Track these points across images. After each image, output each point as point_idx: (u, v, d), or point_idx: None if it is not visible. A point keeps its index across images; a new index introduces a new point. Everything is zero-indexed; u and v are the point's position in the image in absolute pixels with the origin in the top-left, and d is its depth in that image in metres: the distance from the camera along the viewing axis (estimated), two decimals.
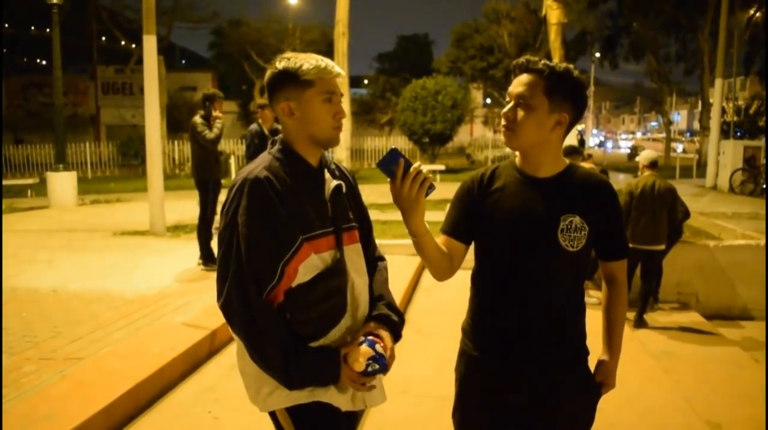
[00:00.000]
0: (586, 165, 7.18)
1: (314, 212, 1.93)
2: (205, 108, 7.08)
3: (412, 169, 1.85)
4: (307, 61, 1.92)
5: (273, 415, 2.01)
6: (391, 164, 1.85)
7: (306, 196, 1.93)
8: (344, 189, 2.05)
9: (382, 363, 1.92)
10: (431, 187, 1.88)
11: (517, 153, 2.11)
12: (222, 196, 7.45)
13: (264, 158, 1.96)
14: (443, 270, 2.08)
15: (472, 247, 2.17)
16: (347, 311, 1.99)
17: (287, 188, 1.88)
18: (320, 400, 1.93)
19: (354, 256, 2.05)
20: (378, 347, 1.94)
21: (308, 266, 1.90)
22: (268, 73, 1.97)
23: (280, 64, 1.94)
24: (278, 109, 1.97)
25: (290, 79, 1.92)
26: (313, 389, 1.91)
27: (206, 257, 7.22)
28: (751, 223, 10.52)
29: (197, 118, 7.07)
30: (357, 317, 2.04)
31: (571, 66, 2.03)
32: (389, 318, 2.09)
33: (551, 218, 1.99)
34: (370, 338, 1.97)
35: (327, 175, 2.04)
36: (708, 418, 4.33)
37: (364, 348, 1.93)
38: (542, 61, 1.99)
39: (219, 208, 2.08)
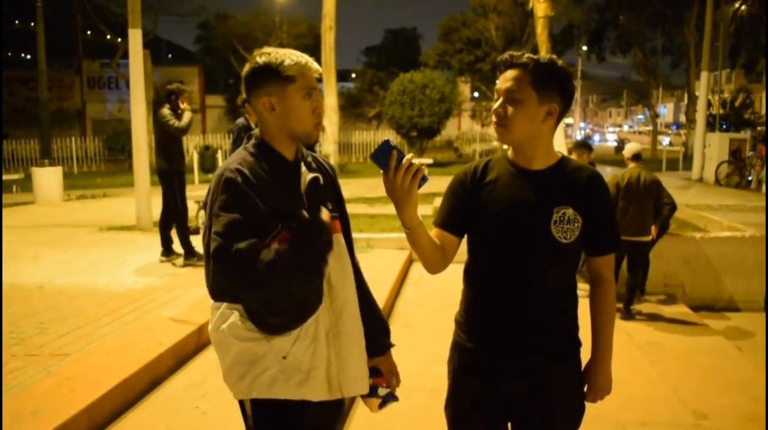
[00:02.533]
0: (576, 157, 7.21)
1: (290, 206, 1.94)
2: (171, 102, 7.13)
3: (404, 160, 1.85)
4: (288, 56, 1.94)
5: (241, 402, 2.06)
6: (384, 156, 1.85)
7: (281, 190, 1.95)
8: (321, 181, 2.05)
9: (390, 397, 2.23)
10: (424, 179, 1.88)
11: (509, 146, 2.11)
12: (200, 191, 7.51)
13: (239, 154, 1.99)
14: (436, 263, 2.09)
15: (464, 240, 2.17)
16: (322, 301, 2.01)
17: (262, 183, 1.90)
18: (284, 397, 1.97)
19: (335, 247, 2.05)
20: (380, 391, 2.20)
21: None
22: (248, 68, 1.98)
23: (260, 59, 1.95)
24: (258, 104, 1.97)
25: (271, 74, 1.93)
26: (272, 383, 1.95)
27: (187, 252, 7.35)
28: (736, 215, 10.59)
29: (165, 110, 7.12)
30: (335, 307, 2.05)
31: (555, 56, 2.04)
32: (382, 342, 2.25)
33: (544, 209, 2.01)
34: (372, 386, 2.19)
35: (303, 168, 2.05)
36: (694, 408, 4.37)
37: (372, 401, 2.24)
38: (526, 55, 2.00)
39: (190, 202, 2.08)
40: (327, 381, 2.01)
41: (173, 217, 7.33)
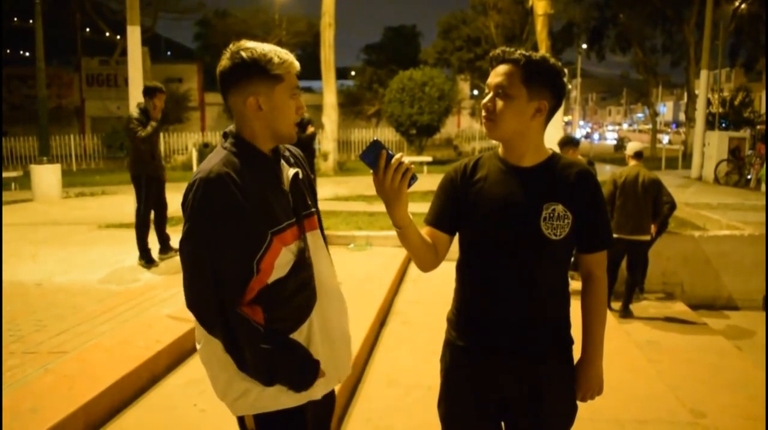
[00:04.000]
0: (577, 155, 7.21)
1: (277, 205, 1.89)
2: (146, 102, 6.86)
3: (393, 160, 1.84)
4: (275, 54, 1.85)
5: (240, 418, 2.01)
6: (373, 156, 1.85)
7: (267, 190, 1.88)
8: (300, 175, 2.00)
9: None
10: (414, 178, 1.88)
11: (500, 143, 2.11)
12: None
13: (219, 154, 1.88)
14: (428, 261, 2.09)
15: (456, 238, 2.17)
16: (316, 300, 2.00)
17: (248, 183, 1.82)
18: (291, 406, 1.94)
19: (315, 242, 2.04)
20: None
21: (282, 261, 1.89)
22: (228, 63, 1.86)
23: (244, 54, 1.83)
24: (243, 103, 1.87)
25: (259, 72, 1.83)
26: (278, 395, 1.92)
27: (159, 251, 7.39)
28: (735, 214, 10.60)
29: (134, 112, 6.86)
30: (321, 303, 2.02)
31: (548, 54, 2.03)
32: None
33: (533, 206, 2.00)
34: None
35: (282, 163, 2.00)
36: (692, 406, 4.37)
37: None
38: (518, 51, 1.99)
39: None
40: (324, 379, 2.00)
41: (142, 216, 7.10)
